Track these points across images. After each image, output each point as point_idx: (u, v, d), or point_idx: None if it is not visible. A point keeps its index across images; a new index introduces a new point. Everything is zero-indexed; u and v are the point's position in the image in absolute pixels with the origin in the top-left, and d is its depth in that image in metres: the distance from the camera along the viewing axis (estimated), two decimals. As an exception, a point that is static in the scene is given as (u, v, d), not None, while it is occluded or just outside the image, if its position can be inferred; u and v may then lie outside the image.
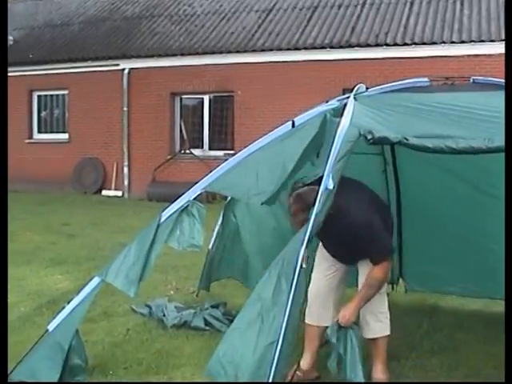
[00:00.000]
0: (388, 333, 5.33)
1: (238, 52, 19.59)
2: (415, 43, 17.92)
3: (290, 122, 4.82)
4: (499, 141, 4.18)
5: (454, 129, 4.46)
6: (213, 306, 7.09)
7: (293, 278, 3.95)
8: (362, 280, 5.22)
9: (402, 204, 7.28)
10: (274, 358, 3.79)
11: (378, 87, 5.15)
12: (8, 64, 21.66)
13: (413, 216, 7.22)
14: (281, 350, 3.82)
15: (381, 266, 5.01)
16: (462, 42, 17.59)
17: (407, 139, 4.32)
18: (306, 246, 3.95)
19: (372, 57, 18.18)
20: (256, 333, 3.99)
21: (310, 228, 3.97)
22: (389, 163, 7.06)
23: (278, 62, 19.12)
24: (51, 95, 22.69)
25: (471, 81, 5.20)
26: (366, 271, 5.15)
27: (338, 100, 4.95)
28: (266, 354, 3.83)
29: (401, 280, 7.90)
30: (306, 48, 18.92)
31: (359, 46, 18.42)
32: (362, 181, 5.57)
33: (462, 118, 4.61)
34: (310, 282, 5.29)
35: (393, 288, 7.85)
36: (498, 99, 4.89)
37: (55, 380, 4.98)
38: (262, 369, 3.83)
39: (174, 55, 20.31)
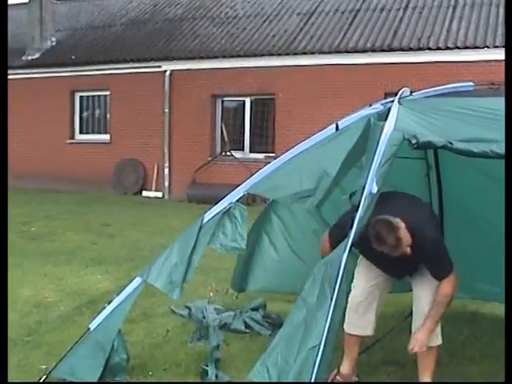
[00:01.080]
0: (440, 342, 5.26)
1: (279, 55, 19.60)
2: (458, 47, 17.78)
3: (334, 125, 4.79)
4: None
5: (499, 133, 4.41)
6: (253, 309, 7.10)
7: (335, 283, 3.93)
8: (417, 293, 5.18)
9: (444, 209, 7.22)
10: (315, 362, 3.77)
11: (422, 91, 5.13)
12: (50, 65, 22.07)
13: (455, 221, 7.14)
14: (322, 354, 3.80)
15: (448, 280, 4.93)
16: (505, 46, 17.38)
17: (452, 143, 4.28)
18: (349, 252, 3.93)
19: (414, 61, 18.07)
20: (300, 337, 3.98)
21: (353, 233, 3.95)
22: (432, 167, 7.00)
23: (319, 65, 19.10)
24: (93, 96, 22.88)
25: (518, 85, 5.14)
26: (420, 283, 5.12)
27: (382, 104, 4.92)
28: (308, 358, 3.82)
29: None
30: (347, 51, 18.89)
31: (401, 49, 18.33)
32: (404, 184, 5.57)
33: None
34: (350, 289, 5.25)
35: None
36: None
37: (95, 379, 5.02)
38: (303, 373, 3.82)
39: (216, 57, 20.38)
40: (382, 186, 4.29)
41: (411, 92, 5.11)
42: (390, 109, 4.66)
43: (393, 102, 4.80)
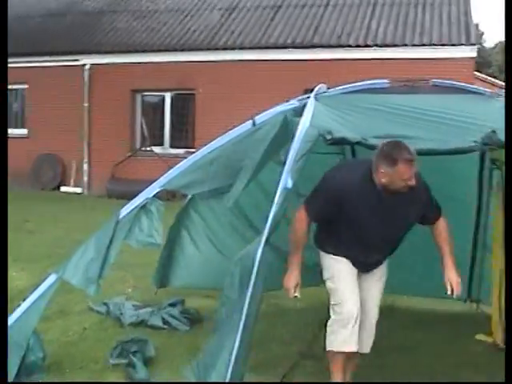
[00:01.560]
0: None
1: (200, 50, 19.55)
2: (377, 45, 18.09)
3: (251, 121, 4.80)
4: (455, 143, 4.22)
5: (412, 130, 4.50)
6: (171, 305, 7.05)
7: (250, 279, 3.93)
8: (368, 294, 5.06)
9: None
10: (230, 359, 3.76)
11: (338, 88, 5.17)
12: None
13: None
14: (238, 350, 3.79)
15: (443, 217, 4.99)
16: (423, 44, 17.81)
17: (366, 139, 4.34)
18: (264, 246, 3.92)
19: (334, 57, 18.30)
20: (224, 334, 3.97)
21: (267, 229, 3.94)
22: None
23: (240, 60, 19.12)
24: (10, 89, 22.37)
25: (431, 83, 5.23)
26: (371, 285, 5.09)
27: (299, 100, 4.94)
28: (228, 355, 3.81)
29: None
30: (268, 47, 18.99)
31: (322, 46, 18.54)
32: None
33: (419, 119, 4.65)
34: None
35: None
36: (457, 102, 4.96)
37: (11, 379, 4.91)
38: (223, 371, 3.80)
39: (136, 52, 20.21)
40: (297, 181, 4.32)
41: (328, 88, 5.15)
42: (305, 105, 4.69)
43: (309, 98, 4.83)
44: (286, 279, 4.76)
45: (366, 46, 18.14)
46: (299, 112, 4.65)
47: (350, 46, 18.31)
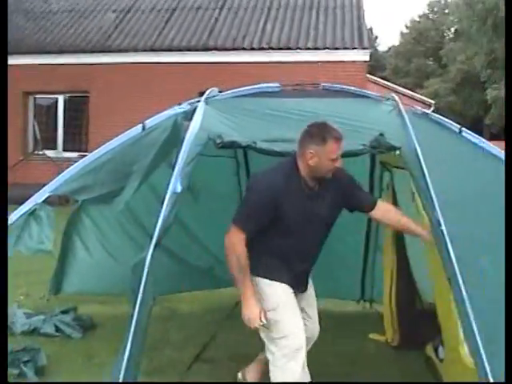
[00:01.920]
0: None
1: (93, 52, 19.31)
2: (272, 48, 18.25)
3: (140, 125, 4.76)
4: (344, 146, 4.29)
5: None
6: (63, 312, 6.93)
7: (139, 286, 3.88)
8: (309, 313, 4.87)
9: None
10: (121, 365, 3.72)
11: (230, 91, 5.19)
12: None
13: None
14: (129, 356, 3.75)
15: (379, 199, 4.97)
16: (317, 48, 18.04)
17: (256, 143, 4.37)
18: (154, 251, 3.88)
19: (229, 60, 18.38)
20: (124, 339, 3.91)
21: (156, 234, 3.90)
22: (242, 166, 7.14)
23: (134, 63, 18.97)
24: None
25: (321, 87, 5.31)
26: (310, 303, 4.93)
27: (190, 103, 4.93)
28: (121, 359, 3.76)
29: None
30: (163, 50, 18.90)
31: (216, 49, 18.60)
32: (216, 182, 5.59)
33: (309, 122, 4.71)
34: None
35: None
36: (347, 105, 5.07)
37: None
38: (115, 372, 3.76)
39: (28, 53, 19.78)
40: (190, 184, 4.31)
41: (220, 91, 5.16)
42: (196, 108, 4.69)
43: (199, 101, 4.84)
44: (247, 311, 4.37)
45: (261, 48, 18.28)
46: (190, 116, 4.64)
47: (244, 48, 18.43)
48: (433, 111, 36.26)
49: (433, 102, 39.97)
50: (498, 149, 5.01)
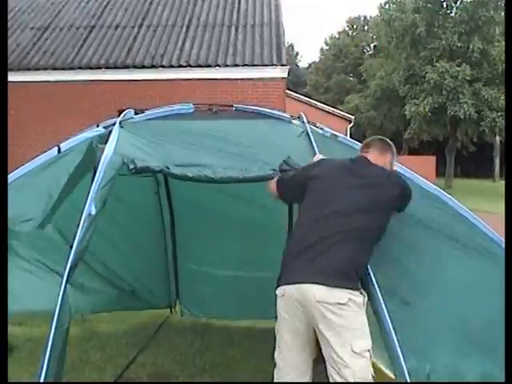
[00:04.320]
0: None
1: (11, 70, 18.99)
2: (190, 65, 18.26)
3: (56, 148, 4.76)
4: (256, 171, 4.41)
5: (215, 159, 4.63)
6: None
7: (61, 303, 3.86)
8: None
9: (176, 226, 7.43)
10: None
11: (144, 114, 5.22)
12: None
13: (187, 238, 7.39)
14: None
15: None
16: (236, 65, 18.16)
17: (169, 168, 4.42)
18: (69, 273, 3.87)
19: (148, 78, 18.32)
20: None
21: (72, 257, 3.88)
22: (161, 185, 7.19)
23: (52, 81, 18.73)
24: None
25: (234, 109, 5.41)
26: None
27: (105, 126, 4.95)
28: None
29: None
30: (81, 68, 18.73)
31: (135, 67, 18.51)
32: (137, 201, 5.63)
33: (221, 147, 4.80)
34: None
35: (171, 311, 8.00)
36: (257, 127, 5.18)
37: None
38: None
39: None
40: (107, 205, 4.33)
41: (137, 112, 5.20)
42: (111, 132, 4.72)
43: (114, 124, 4.86)
44: None
45: (180, 66, 18.31)
46: (105, 139, 4.66)
47: (163, 66, 18.41)
48: (353, 126, 36.59)
49: (353, 117, 40.71)
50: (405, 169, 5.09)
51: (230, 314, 7.70)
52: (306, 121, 5.28)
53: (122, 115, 5.07)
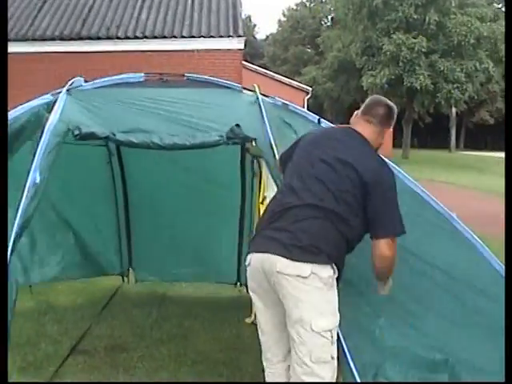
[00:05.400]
0: None
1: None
2: (146, 37, 18.14)
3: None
4: (200, 138, 4.39)
5: (162, 124, 4.60)
6: None
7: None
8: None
9: (128, 195, 7.40)
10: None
11: (94, 81, 5.15)
12: None
13: (141, 206, 7.39)
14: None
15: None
16: (192, 36, 18.09)
17: (114, 134, 4.38)
18: (14, 245, 3.80)
19: (103, 50, 18.17)
20: None
21: (16, 226, 3.80)
22: (114, 154, 7.14)
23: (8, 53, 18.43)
24: None
25: (185, 78, 5.37)
26: None
27: (52, 94, 4.88)
28: None
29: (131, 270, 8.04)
30: (35, 39, 18.47)
31: (90, 38, 18.33)
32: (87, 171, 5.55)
33: (171, 113, 4.76)
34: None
35: (123, 279, 7.97)
36: (209, 96, 5.16)
37: None
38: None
39: None
40: (58, 174, 4.28)
41: (86, 81, 5.13)
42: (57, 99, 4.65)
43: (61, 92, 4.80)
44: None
45: (136, 37, 18.16)
46: (52, 107, 4.59)
47: (119, 37, 18.25)
48: (310, 97, 36.50)
49: (310, 88, 40.69)
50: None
51: (188, 276, 7.71)
52: (257, 90, 5.26)
53: (69, 83, 4.99)
